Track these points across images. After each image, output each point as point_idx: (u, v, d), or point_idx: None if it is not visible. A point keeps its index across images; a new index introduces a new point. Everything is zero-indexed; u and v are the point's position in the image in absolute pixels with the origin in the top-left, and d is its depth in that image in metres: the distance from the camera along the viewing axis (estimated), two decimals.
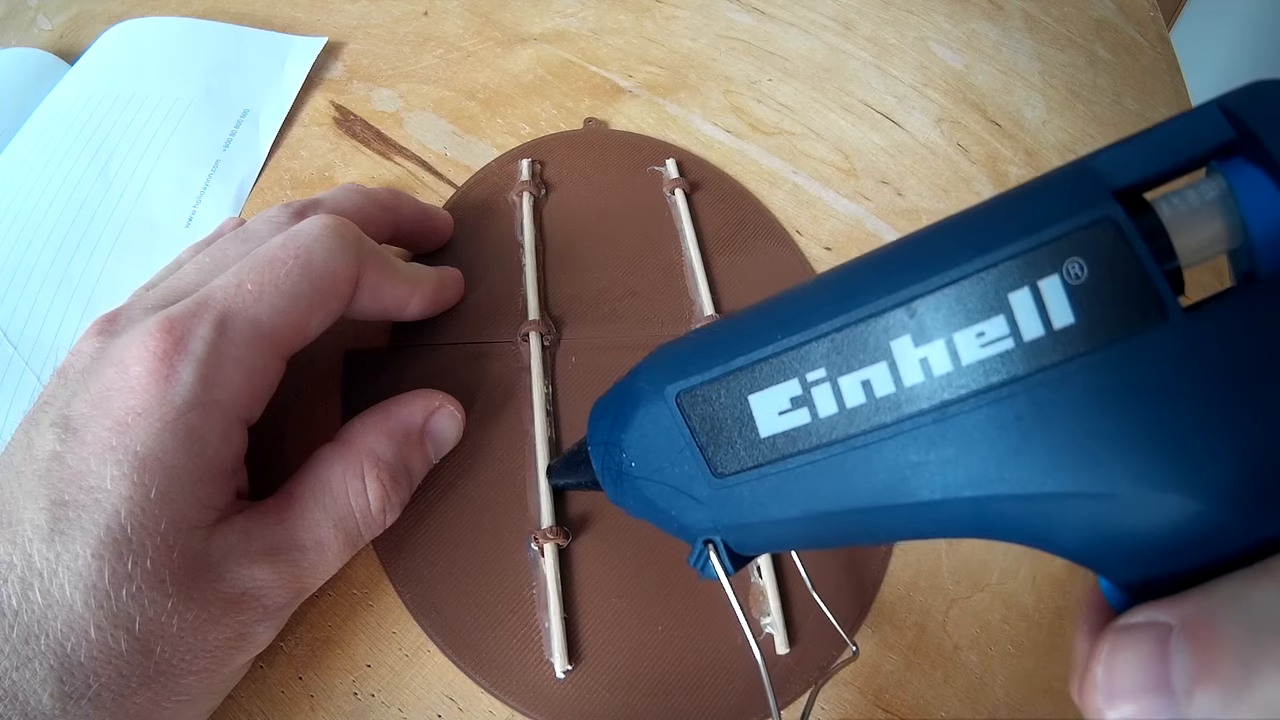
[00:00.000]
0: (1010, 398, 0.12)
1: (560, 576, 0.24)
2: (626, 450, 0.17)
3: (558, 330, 0.28)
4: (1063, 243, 0.12)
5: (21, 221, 0.31)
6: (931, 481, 0.13)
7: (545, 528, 0.24)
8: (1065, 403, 0.12)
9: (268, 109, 0.35)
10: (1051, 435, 0.12)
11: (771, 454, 0.15)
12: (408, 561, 0.24)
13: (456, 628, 0.23)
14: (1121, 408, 0.12)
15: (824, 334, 0.14)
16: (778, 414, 0.14)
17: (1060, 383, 0.12)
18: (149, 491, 0.18)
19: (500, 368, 0.27)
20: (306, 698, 0.23)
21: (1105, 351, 0.12)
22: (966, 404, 0.13)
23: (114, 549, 0.17)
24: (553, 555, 0.24)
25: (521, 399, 0.27)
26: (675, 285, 0.30)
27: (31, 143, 0.33)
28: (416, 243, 0.30)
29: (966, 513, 0.13)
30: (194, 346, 0.19)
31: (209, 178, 0.33)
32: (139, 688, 0.18)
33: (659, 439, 0.16)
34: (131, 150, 0.33)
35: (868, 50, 0.38)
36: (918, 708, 0.23)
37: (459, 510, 0.25)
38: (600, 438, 0.18)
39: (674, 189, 0.32)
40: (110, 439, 0.18)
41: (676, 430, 0.16)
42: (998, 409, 0.12)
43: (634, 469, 0.17)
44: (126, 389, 0.19)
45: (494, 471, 0.26)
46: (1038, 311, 0.12)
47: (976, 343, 0.12)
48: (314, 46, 0.36)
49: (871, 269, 0.14)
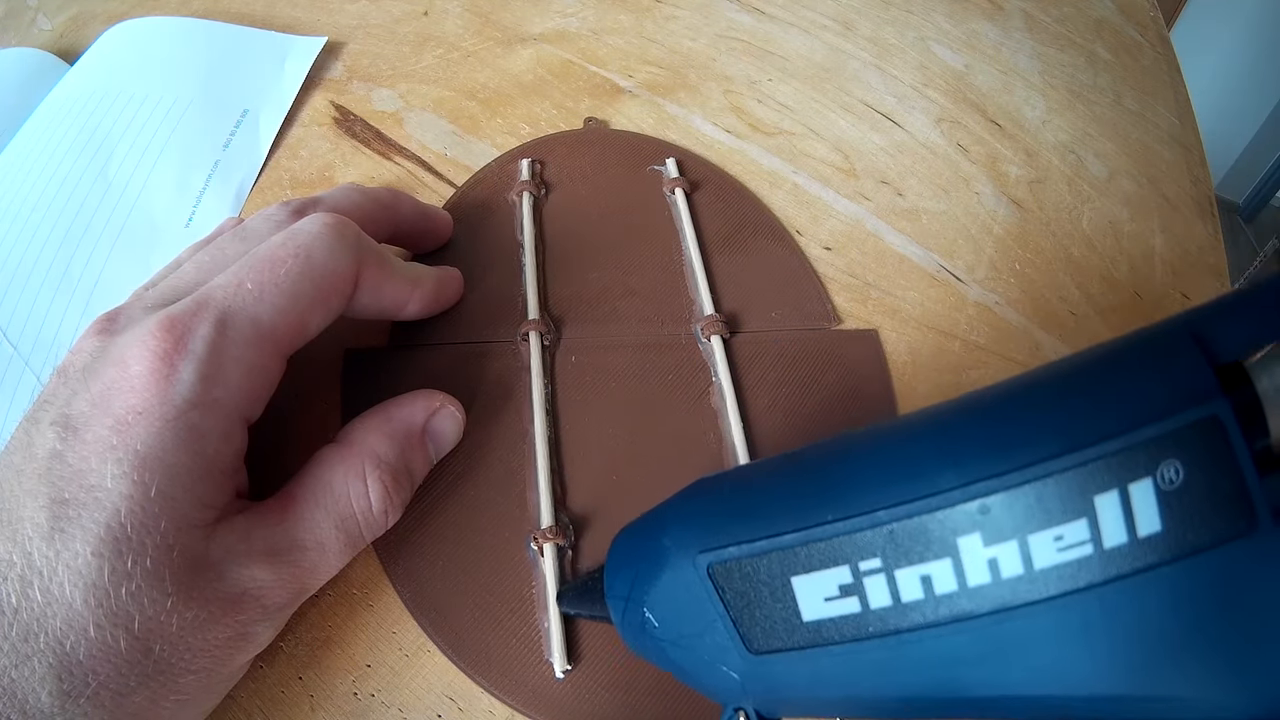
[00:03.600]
0: (1080, 604, 0.11)
1: (560, 577, 0.24)
2: (650, 610, 0.16)
3: (558, 330, 0.28)
4: (1163, 443, 0.11)
5: (21, 221, 0.31)
6: (986, 679, 0.12)
7: (545, 528, 0.24)
8: (1137, 610, 0.11)
9: (267, 109, 0.35)
10: (1119, 641, 0.11)
11: (814, 639, 0.13)
12: (407, 561, 0.24)
13: (456, 627, 0.23)
14: (1196, 617, 0.11)
15: (882, 522, 0.12)
16: (824, 599, 0.13)
17: (1135, 591, 0.11)
18: (149, 490, 0.18)
19: (500, 367, 0.27)
20: (306, 698, 0.23)
21: (1187, 562, 0.11)
22: (1034, 606, 0.12)
23: (114, 547, 0.17)
24: (552, 555, 0.24)
25: (521, 398, 0.27)
26: (675, 285, 0.30)
27: (31, 143, 0.33)
28: (416, 242, 0.30)
29: (1019, 708, 0.12)
30: (194, 346, 0.19)
31: (209, 178, 0.33)
32: (138, 686, 0.18)
33: (688, 606, 0.15)
34: (131, 150, 0.33)
35: (868, 50, 0.38)
36: None
37: (459, 510, 0.25)
38: (620, 592, 0.17)
39: (674, 188, 0.32)
40: (111, 438, 0.18)
41: (708, 601, 0.14)
42: (1065, 614, 0.11)
43: (658, 631, 0.16)
44: (127, 388, 0.19)
45: (494, 471, 0.25)
46: (1124, 518, 0.11)
47: (1053, 546, 0.11)
48: (314, 46, 0.36)
49: (940, 443, 0.13)
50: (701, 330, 0.29)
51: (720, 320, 0.28)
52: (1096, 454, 0.11)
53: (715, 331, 0.28)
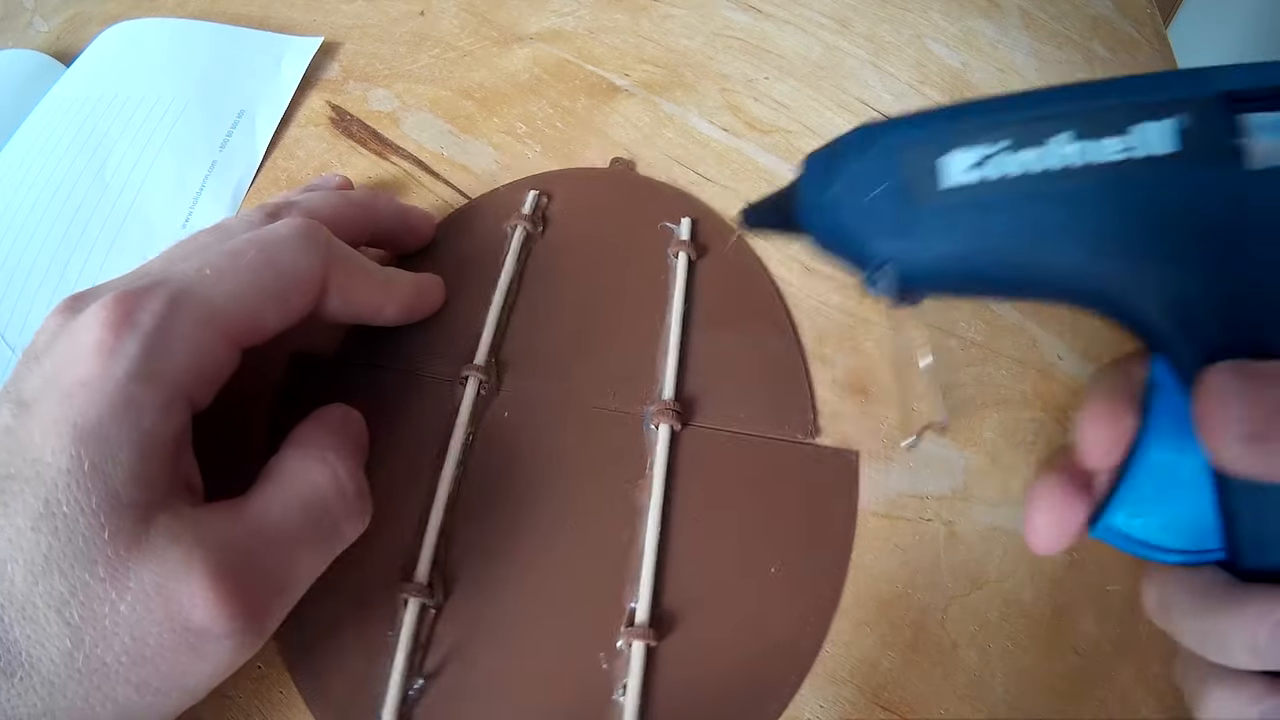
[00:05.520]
0: (1123, 187, 0.17)
1: (416, 636, 0.23)
2: (838, 181, 0.21)
3: (499, 377, 0.27)
4: (1183, 103, 0.17)
5: (19, 223, 0.31)
6: (1060, 236, 0.18)
7: (415, 582, 0.23)
8: (1159, 200, 0.17)
9: (264, 109, 0.35)
10: (1142, 219, 0.17)
11: (952, 197, 0.19)
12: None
13: (309, 651, 0.23)
14: (1197, 212, 0.17)
15: (1006, 124, 0.18)
16: (963, 170, 0.19)
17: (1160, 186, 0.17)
18: (83, 464, 0.18)
19: (431, 404, 0.26)
20: (304, 700, 0.23)
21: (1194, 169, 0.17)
22: (1095, 185, 0.18)
23: (50, 523, 0.17)
24: (414, 612, 0.23)
25: (439, 444, 0.26)
26: (644, 357, 0.28)
27: (28, 144, 0.33)
28: (395, 243, 0.29)
29: (1077, 266, 0.18)
30: (141, 319, 0.19)
31: (205, 178, 0.33)
32: (69, 681, 0.17)
33: (869, 174, 0.20)
34: (128, 151, 0.33)
35: (864, 48, 0.38)
36: (917, 705, 0.23)
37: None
38: (815, 170, 0.22)
39: (678, 252, 0.29)
40: (56, 411, 0.18)
41: (887, 170, 0.20)
42: (1113, 193, 0.17)
43: (840, 196, 0.21)
44: (74, 360, 0.19)
45: (389, 510, 0.24)
46: (1155, 137, 0.17)
47: (1113, 147, 0.17)
48: (310, 47, 0.36)
49: (1044, 92, 0.19)
50: (652, 415, 0.26)
51: (673, 408, 0.26)
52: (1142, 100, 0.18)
53: (665, 420, 0.26)
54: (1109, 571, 0.25)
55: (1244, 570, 0.17)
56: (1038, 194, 0.18)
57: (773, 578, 0.24)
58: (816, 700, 0.23)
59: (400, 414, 0.26)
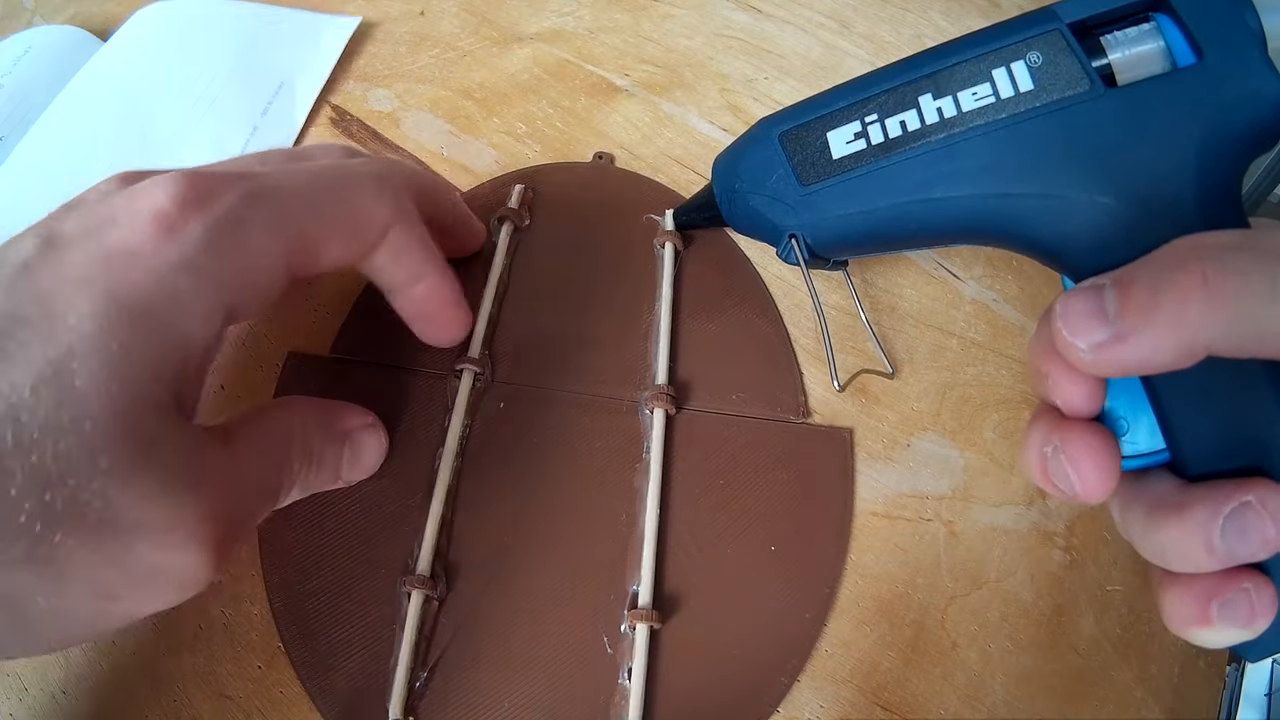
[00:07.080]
0: (992, 131, 0.20)
1: (420, 627, 0.23)
2: (741, 176, 0.24)
3: (493, 369, 0.27)
4: (1029, 42, 0.20)
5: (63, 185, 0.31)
6: (943, 184, 0.21)
7: (418, 574, 0.23)
8: (1027, 136, 0.20)
9: (304, 81, 0.35)
10: (1016, 155, 0.20)
11: (839, 169, 0.22)
12: (285, 572, 0.24)
13: (313, 651, 0.23)
14: (1063, 140, 0.19)
15: (876, 94, 0.22)
16: (845, 143, 0.22)
17: (1024, 122, 0.20)
18: (111, 342, 0.15)
19: (426, 398, 0.27)
20: (306, 698, 0.23)
21: (1054, 106, 0.20)
22: (964, 134, 0.20)
23: (55, 392, 0.15)
24: (418, 604, 0.23)
25: (437, 436, 0.26)
26: (636, 344, 0.28)
27: (68, 110, 0.33)
28: (443, 243, 0.27)
29: (966, 209, 0.21)
30: (215, 207, 0.17)
31: (247, 141, 0.33)
32: (18, 561, 0.14)
33: (765, 165, 0.23)
34: (170, 118, 0.34)
35: (864, 48, 0.38)
36: (916, 705, 0.23)
37: (345, 535, 0.24)
38: (722, 169, 0.25)
39: (665, 241, 0.30)
40: (90, 269, 0.16)
41: (777, 158, 0.23)
42: (983, 139, 0.20)
43: (744, 188, 0.24)
44: (127, 224, 0.17)
45: (389, 505, 0.25)
46: (1010, 80, 0.20)
47: (972, 98, 0.20)
48: (349, 26, 0.37)
49: (910, 60, 0.22)
50: (646, 400, 0.26)
51: (667, 393, 0.26)
52: (991, 48, 0.20)
53: (660, 404, 0.26)
54: (1109, 571, 0.25)
55: (1190, 475, 0.18)
56: (914, 151, 0.21)
57: (772, 555, 0.25)
58: (816, 700, 0.23)
59: (397, 409, 0.26)
